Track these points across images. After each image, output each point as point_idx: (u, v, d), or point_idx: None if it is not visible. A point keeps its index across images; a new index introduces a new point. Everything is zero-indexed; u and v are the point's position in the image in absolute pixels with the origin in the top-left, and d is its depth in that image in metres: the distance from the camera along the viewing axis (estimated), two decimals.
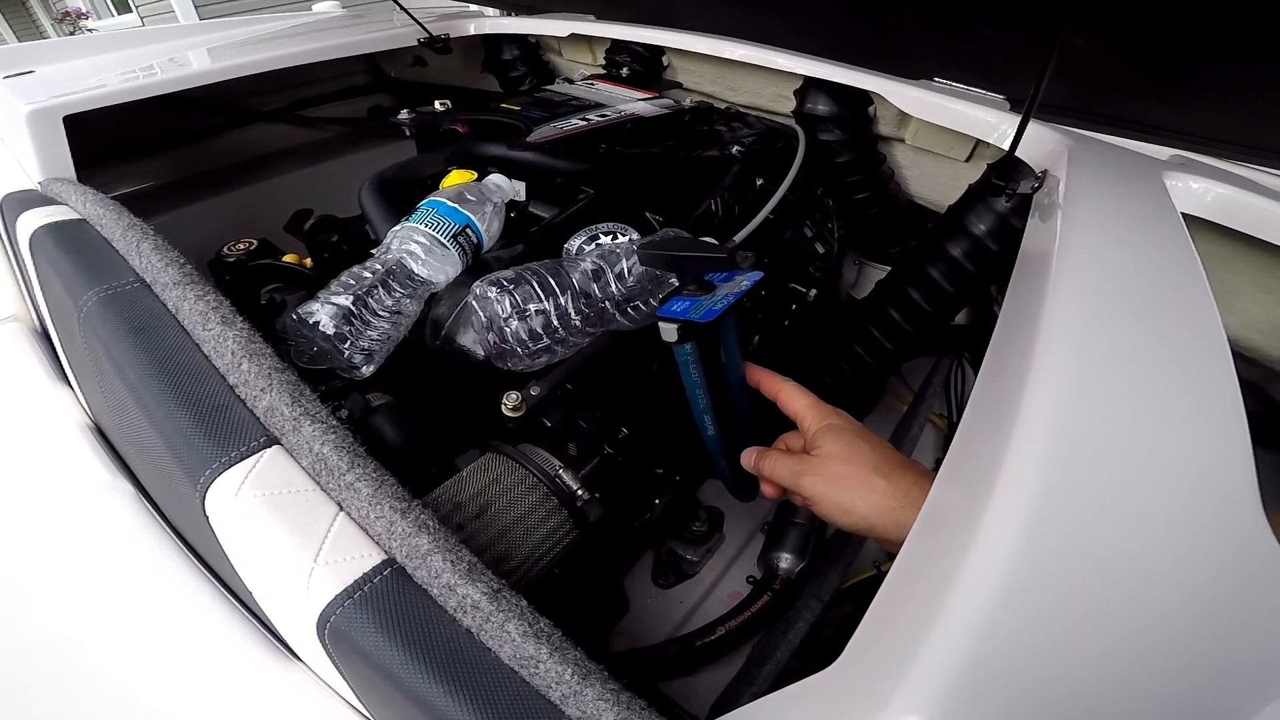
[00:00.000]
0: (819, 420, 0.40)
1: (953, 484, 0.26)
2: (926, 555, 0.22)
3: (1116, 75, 0.72)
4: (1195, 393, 0.27)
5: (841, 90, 0.79)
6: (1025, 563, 0.19)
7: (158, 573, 0.44)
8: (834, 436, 0.38)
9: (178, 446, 0.31)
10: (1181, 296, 0.35)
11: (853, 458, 0.36)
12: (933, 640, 0.17)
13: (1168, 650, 0.18)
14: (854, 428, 0.39)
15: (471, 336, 0.47)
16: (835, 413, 0.40)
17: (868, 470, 0.35)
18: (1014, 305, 0.39)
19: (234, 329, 0.34)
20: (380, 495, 0.27)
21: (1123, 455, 0.24)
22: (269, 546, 0.28)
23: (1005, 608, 0.18)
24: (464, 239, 0.49)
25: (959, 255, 0.68)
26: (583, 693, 0.24)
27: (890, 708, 0.16)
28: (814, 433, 0.39)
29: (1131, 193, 0.53)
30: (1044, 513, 0.21)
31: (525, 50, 1.13)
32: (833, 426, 0.39)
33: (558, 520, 0.42)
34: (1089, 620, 0.18)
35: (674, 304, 0.42)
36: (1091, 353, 0.29)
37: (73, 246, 0.48)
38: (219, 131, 1.09)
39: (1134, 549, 0.20)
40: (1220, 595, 0.20)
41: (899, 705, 0.16)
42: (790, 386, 0.43)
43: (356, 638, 0.26)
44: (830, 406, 0.41)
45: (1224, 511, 0.22)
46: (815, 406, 0.41)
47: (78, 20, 6.81)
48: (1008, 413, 0.25)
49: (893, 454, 0.37)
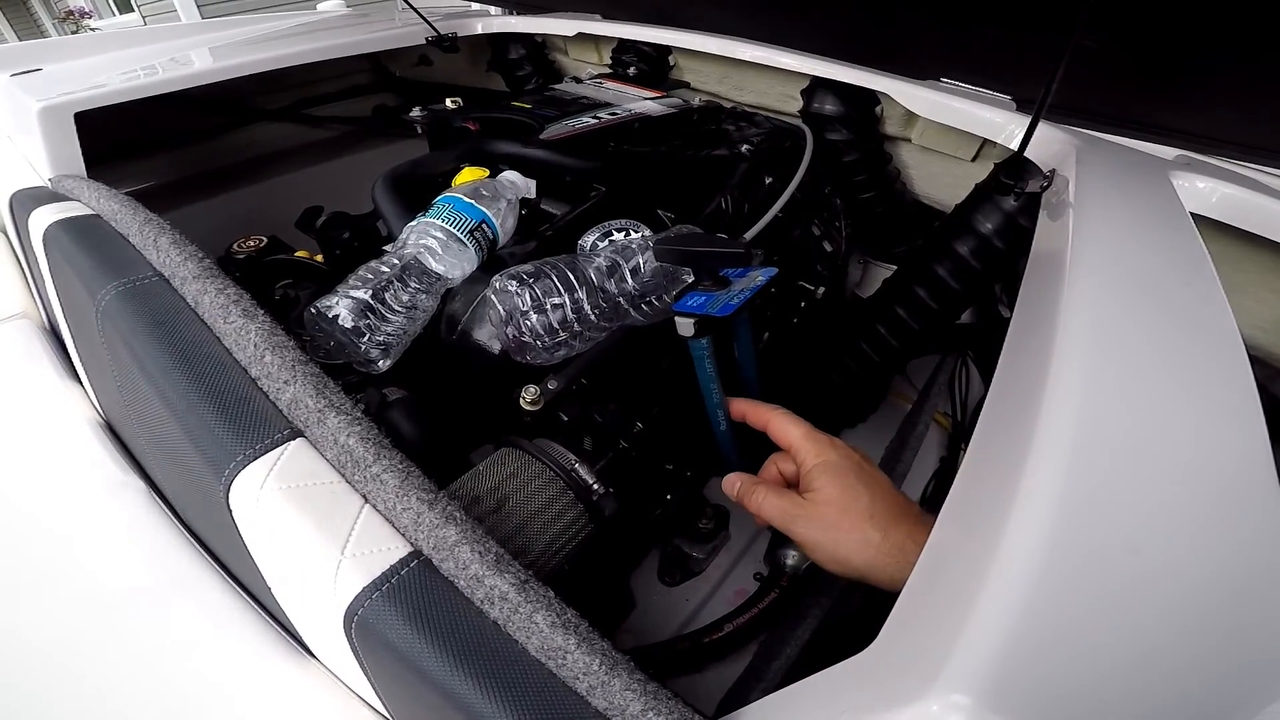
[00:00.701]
0: (815, 456, 0.37)
1: (977, 481, 0.26)
2: (958, 542, 0.22)
3: (1123, 76, 0.73)
4: (1215, 388, 0.27)
5: (848, 90, 0.80)
6: (1061, 545, 0.20)
7: (169, 568, 0.45)
8: (831, 478, 0.36)
9: (201, 440, 0.31)
10: (1196, 294, 0.35)
11: (848, 505, 0.35)
12: (975, 618, 0.17)
13: (1195, 628, 0.19)
14: (851, 464, 0.37)
15: (487, 331, 0.47)
16: (831, 445, 0.38)
17: (863, 520, 0.34)
18: (1027, 307, 0.39)
19: (256, 322, 0.34)
20: (407, 487, 0.28)
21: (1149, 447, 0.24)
22: (295, 539, 0.28)
23: (1043, 587, 0.18)
24: (479, 234, 0.49)
25: (966, 253, 0.68)
26: (610, 683, 0.24)
27: (936, 687, 0.16)
28: (809, 470, 0.37)
29: (1140, 192, 0.54)
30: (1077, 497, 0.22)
31: (531, 49, 1.14)
32: (829, 465, 0.36)
33: (574, 514, 0.42)
34: (1122, 600, 0.19)
35: (690, 299, 0.42)
36: (1111, 347, 0.29)
37: (88, 242, 0.48)
38: (224, 130, 1.09)
39: (1163, 534, 0.21)
40: (1243, 578, 0.20)
41: (944, 684, 0.16)
42: (780, 416, 0.41)
43: (384, 631, 0.26)
44: (826, 437, 0.39)
45: (1246, 500, 0.22)
46: (810, 438, 0.38)
47: (80, 19, 6.80)
48: (1031, 408, 0.26)
49: (890, 497, 0.36)
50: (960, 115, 0.72)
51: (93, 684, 0.39)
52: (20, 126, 0.75)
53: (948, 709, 0.16)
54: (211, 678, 0.38)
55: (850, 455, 0.38)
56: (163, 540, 0.46)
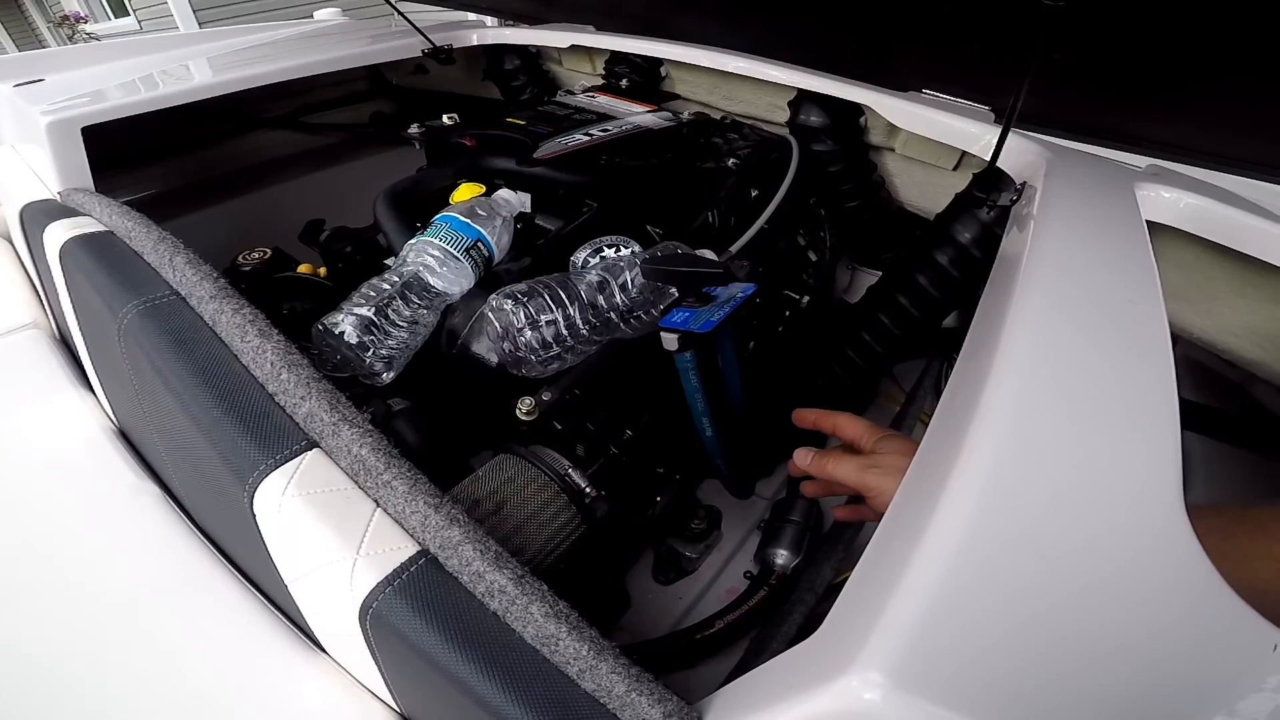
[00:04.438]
0: (875, 435, 0.45)
1: (918, 474, 0.29)
2: (890, 539, 0.25)
3: (1096, 87, 0.75)
4: (1137, 403, 0.30)
5: (833, 102, 0.82)
6: (973, 543, 0.23)
7: (184, 568, 0.47)
8: (894, 443, 0.44)
9: (226, 451, 0.34)
10: (1135, 306, 0.38)
11: (911, 452, 0.40)
12: (891, 608, 0.20)
13: (1095, 624, 0.22)
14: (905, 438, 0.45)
15: (485, 345, 0.50)
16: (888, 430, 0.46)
17: None
18: (984, 312, 0.42)
19: (271, 341, 0.37)
20: (415, 492, 0.30)
21: (1063, 454, 0.27)
22: (315, 541, 0.31)
23: (954, 581, 0.21)
24: (476, 252, 0.52)
25: (945, 262, 0.71)
26: (598, 667, 0.27)
27: (855, 665, 0.19)
28: (875, 442, 0.45)
29: (1101, 203, 0.56)
30: (992, 498, 0.25)
31: (526, 60, 1.16)
32: (891, 436, 0.45)
33: (567, 516, 0.45)
34: (1028, 594, 0.22)
35: (675, 315, 0.45)
36: (1041, 357, 0.32)
37: (106, 260, 0.50)
38: (223, 138, 1.11)
39: (1069, 536, 0.24)
40: (1140, 581, 0.23)
41: (862, 663, 0.19)
42: (844, 417, 0.48)
43: (396, 622, 0.29)
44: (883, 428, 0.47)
45: (1148, 503, 0.25)
46: (872, 428, 0.46)
47: (76, 24, 6.77)
48: (967, 412, 0.29)
49: None
50: (938, 127, 0.75)
51: (113, 678, 0.41)
52: (26, 138, 0.76)
53: (865, 685, 0.19)
54: (226, 670, 0.40)
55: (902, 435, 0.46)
56: (178, 542, 0.49)
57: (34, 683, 0.41)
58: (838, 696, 0.19)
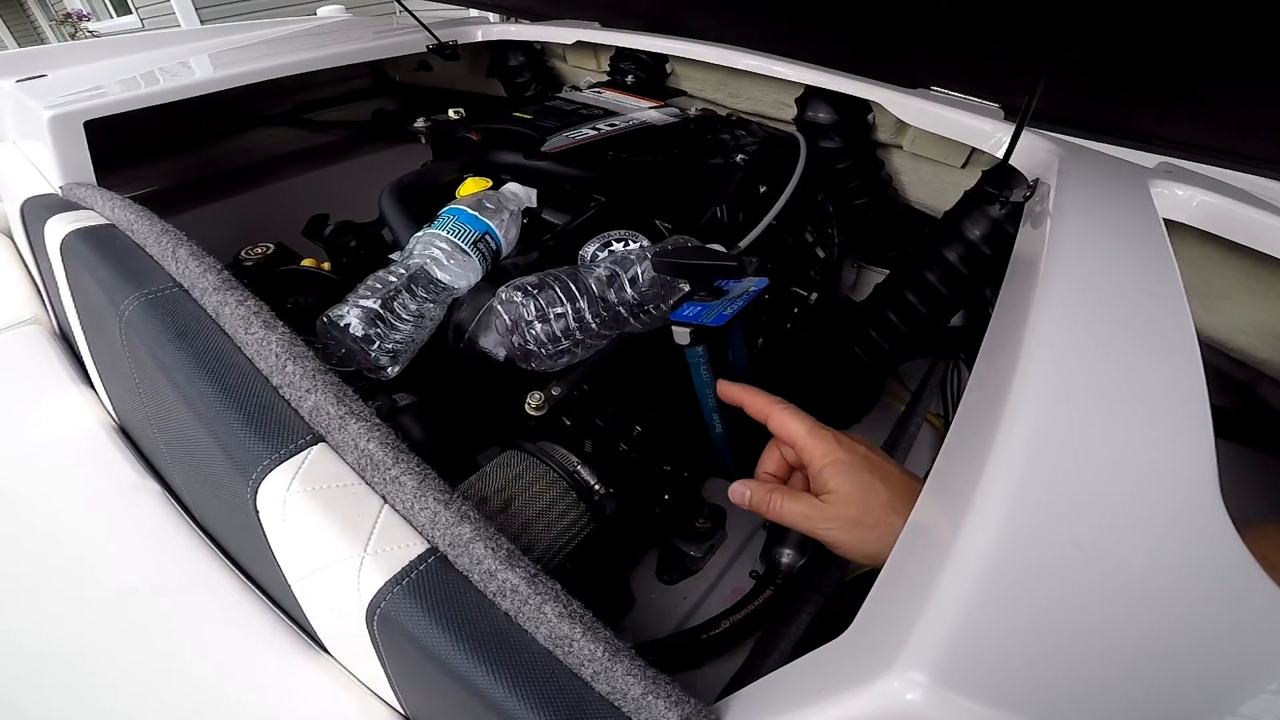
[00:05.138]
0: (823, 455, 0.36)
1: (948, 471, 0.28)
2: (924, 536, 0.25)
3: (1108, 85, 0.74)
4: (1166, 396, 0.29)
5: (841, 99, 0.82)
6: (1014, 538, 0.22)
7: (185, 567, 0.46)
8: (845, 477, 0.35)
9: (229, 445, 0.33)
10: (1159, 303, 0.37)
11: (869, 501, 0.35)
12: (931, 606, 0.20)
13: (1136, 621, 0.21)
14: (860, 459, 0.36)
15: (493, 339, 0.49)
16: (837, 442, 0.37)
17: (886, 513, 0.34)
18: (1004, 309, 0.41)
19: (276, 333, 0.36)
20: (424, 488, 0.30)
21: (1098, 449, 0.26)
22: (321, 539, 0.30)
23: (995, 577, 0.21)
24: (484, 245, 0.51)
25: (954, 259, 0.70)
26: (613, 669, 0.26)
27: (896, 665, 0.18)
28: (820, 470, 0.36)
29: (1117, 200, 0.56)
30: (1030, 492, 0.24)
31: (530, 57, 1.15)
32: (840, 464, 0.36)
33: (576, 513, 0.44)
34: (1070, 590, 0.21)
35: (686, 309, 0.44)
36: (1071, 354, 0.31)
37: (107, 252, 0.49)
38: (225, 135, 1.11)
39: (1106, 529, 0.23)
40: (1178, 574, 0.22)
41: (904, 662, 0.18)
42: (782, 409, 0.39)
43: (405, 623, 0.28)
44: (829, 432, 0.38)
45: (1184, 499, 0.25)
46: (814, 434, 0.37)
47: (78, 21, 6.77)
48: (996, 409, 0.28)
49: (903, 481, 0.36)
50: (948, 124, 0.74)
51: (113, 678, 0.40)
52: (28, 133, 0.76)
53: (907, 685, 0.18)
54: (227, 670, 0.40)
55: (856, 449, 0.37)
56: (179, 541, 0.48)
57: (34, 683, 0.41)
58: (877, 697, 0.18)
